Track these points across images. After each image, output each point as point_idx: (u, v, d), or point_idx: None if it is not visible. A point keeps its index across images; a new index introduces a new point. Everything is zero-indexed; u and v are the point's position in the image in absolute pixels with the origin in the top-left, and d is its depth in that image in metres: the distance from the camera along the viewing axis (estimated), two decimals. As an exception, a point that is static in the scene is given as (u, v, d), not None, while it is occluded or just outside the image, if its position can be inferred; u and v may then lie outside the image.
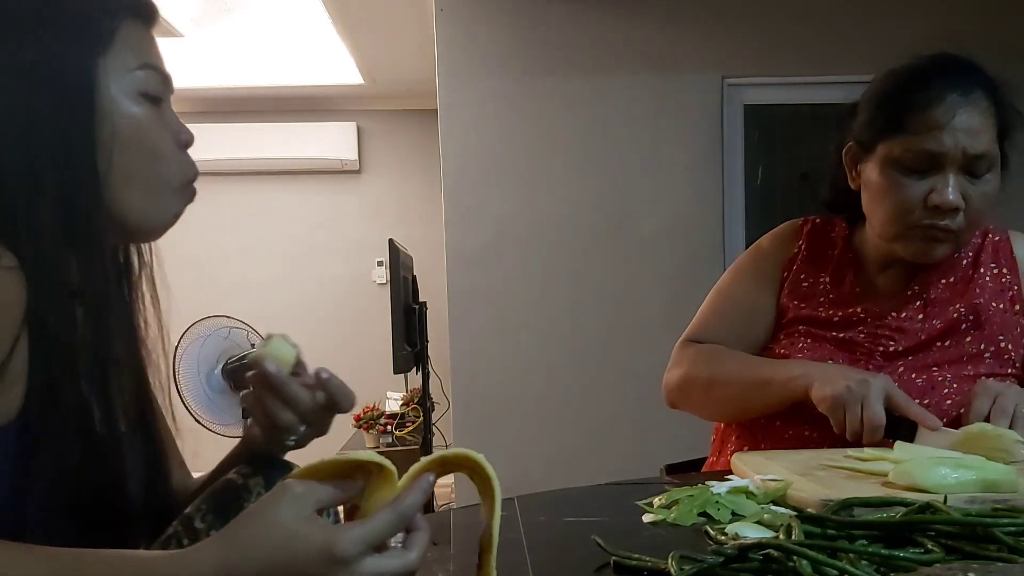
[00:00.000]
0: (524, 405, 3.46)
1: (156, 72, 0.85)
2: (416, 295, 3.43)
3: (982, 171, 1.20)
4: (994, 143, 1.21)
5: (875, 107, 1.26)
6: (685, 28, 3.46)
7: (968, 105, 1.18)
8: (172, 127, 0.86)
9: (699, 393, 1.35)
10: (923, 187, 1.20)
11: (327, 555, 0.60)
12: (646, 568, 0.73)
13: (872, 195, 1.27)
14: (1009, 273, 1.29)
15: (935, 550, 0.67)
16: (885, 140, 1.23)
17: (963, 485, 0.86)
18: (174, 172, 0.86)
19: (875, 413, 1.09)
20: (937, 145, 1.18)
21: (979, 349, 1.25)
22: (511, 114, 3.45)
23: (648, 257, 3.47)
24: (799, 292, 1.36)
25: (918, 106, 1.20)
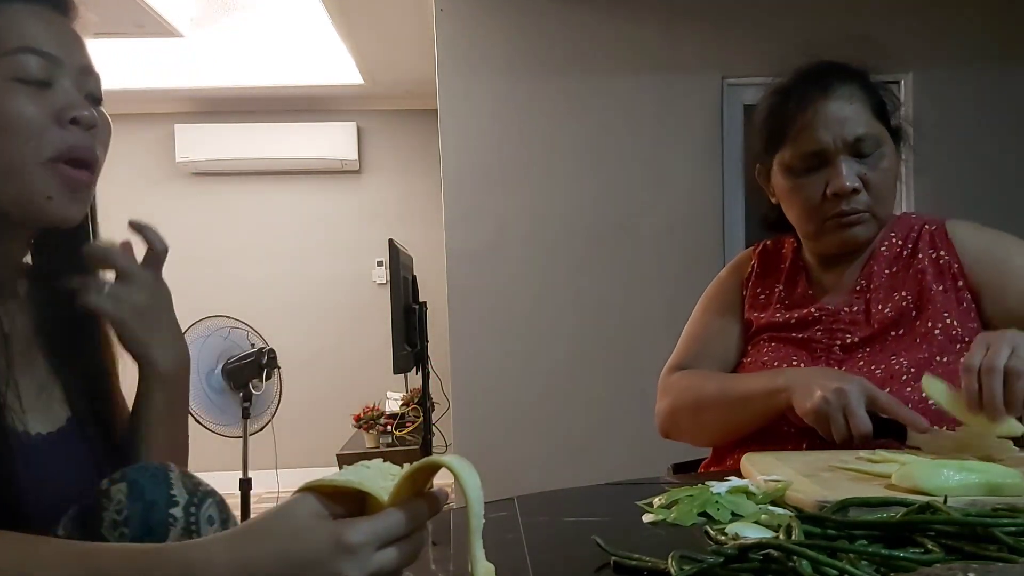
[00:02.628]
0: (524, 405, 3.46)
1: (38, 55, 0.83)
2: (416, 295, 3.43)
3: (869, 150, 1.29)
4: (872, 122, 1.30)
5: (758, 129, 1.40)
6: (685, 28, 3.46)
7: (831, 98, 1.30)
8: (58, 106, 0.84)
9: (688, 420, 1.38)
10: (820, 181, 1.30)
11: (335, 542, 0.61)
12: (646, 568, 0.73)
13: (785, 203, 1.39)
14: (947, 254, 1.33)
15: (935, 550, 0.67)
16: (776, 153, 1.36)
17: (966, 488, 0.86)
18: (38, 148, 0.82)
19: (860, 421, 1.10)
20: (815, 143, 1.29)
21: (928, 327, 1.27)
22: (511, 114, 3.45)
23: (648, 257, 3.47)
24: (758, 304, 1.44)
25: (788, 115, 1.32)
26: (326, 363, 5.41)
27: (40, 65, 0.83)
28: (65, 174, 0.84)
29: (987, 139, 3.48)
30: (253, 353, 3.61)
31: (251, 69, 4.79)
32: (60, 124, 0.84)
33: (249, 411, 3.64)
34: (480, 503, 0.65)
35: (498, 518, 0.93)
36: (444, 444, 4.12)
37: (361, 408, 4.68)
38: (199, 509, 0.75)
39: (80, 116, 0.84)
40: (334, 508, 0.64)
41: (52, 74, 0.84)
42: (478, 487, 0.65)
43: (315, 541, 0.62)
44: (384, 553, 0.63)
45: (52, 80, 0.84)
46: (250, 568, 0.61)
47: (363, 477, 0.65)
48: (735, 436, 1.33)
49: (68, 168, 0.84)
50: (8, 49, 0.82)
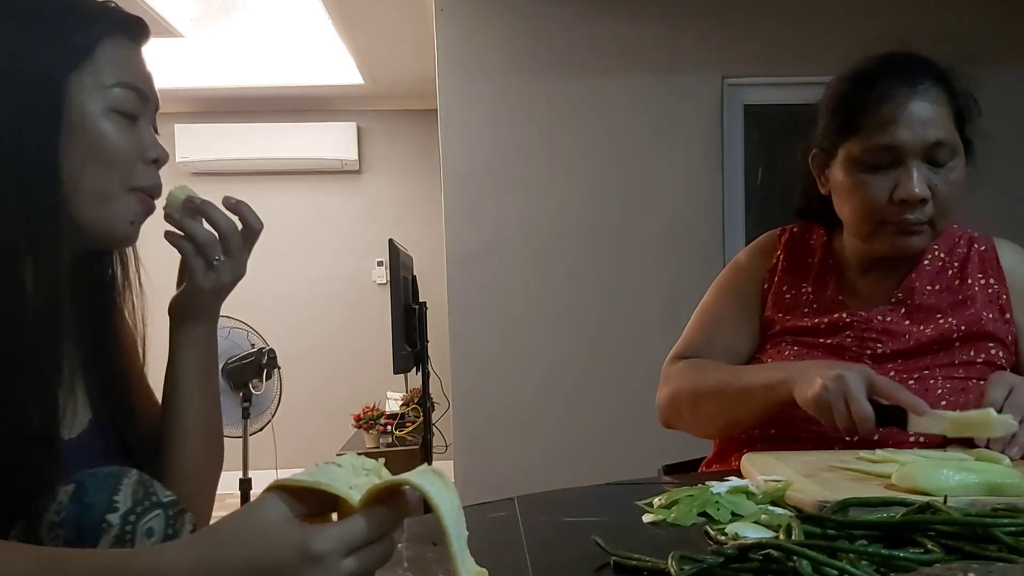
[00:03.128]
0: (524, 405, 3.46)
1: (133, 91, 0.89)
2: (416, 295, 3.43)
3: (944, 159, 1.22)
4: (952, 131, 1.23)
5: (830, 113, 1.29)
6: (685, 28, 3.46)
7: (918, 97, 1.21)
8: (143, 144, 0.90)
9: (688, 409, 1.35)
10: (887, 182, 1.22)
11: (302, 550, 0.61)
12: (646, 568, 0.73)
13: (841, 197, 1.29)
14: (996, 283, 1.30)
15: (935, 550, 0.67)
16: (844, 142, 1.26)
17: (966, 488, 0.86)
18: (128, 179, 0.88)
19: (861, 407, 1.08)
20: (893, 139, 1.20)
21: (970, 356, 1.25)
22: (511, 114, 3.45)
23: (648, 257, 3.47)
24: (783, 304, 1.37)
25: (869, 105, 1.22)
26: (326, 363, 5.40)
27: (134, 101, 0.89)
28: (146, 203, 0.91)
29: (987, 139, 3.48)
30: (253, 353, 3.61)
31: (251, 69, 4.78)
32: (144, 161, 0.90)
33: (249, 411, 3.65)
34: (456, 518, 0.63)
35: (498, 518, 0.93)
36: (444, 444, 4.12)
37: (361, 408, 4.68)
38: (139, 519, 0.73)
39: (160, 157, 0.92)
40: (302, 508, 0.63)
41: (140, 110, 0.90)
42: (455, 506, 0.63)
43: (281, 548, 0.61)
44: (352, 559, 0.62)
45: (139, 116, 0.90)
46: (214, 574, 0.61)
47: (333, 477, 0.64)
48: (735, 429, 1.31)
49: (147, 197, 0.91)
50: (110, 83, 0.87)
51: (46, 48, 0.84)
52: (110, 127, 0.87)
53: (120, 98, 0.88)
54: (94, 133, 0.86)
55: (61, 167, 0.84)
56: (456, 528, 0.62)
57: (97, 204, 0.87)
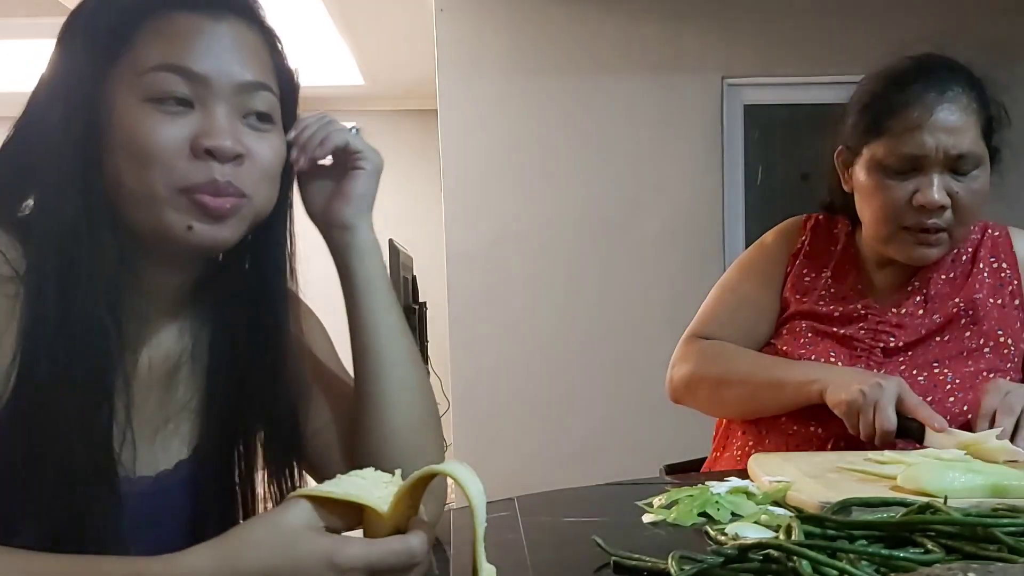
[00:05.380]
0: (524, 405, 3.46)
1: (178, 73, 0.75)
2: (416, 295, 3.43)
3: (967, 169, 1.21)
4: (979, 140, 1.21)
5: (858, 111, 1.28)
6: (685, 28, 3.46)
7: (947, 104, 1.19)
8: (195, 132, 0.76)
9: (708, 391, 1.35)
10: (908, 188, 1.21)
11: (328, 562, 0.59)
12: (646, 568, 0.73)
13: (862, 198, 1.29)
14: (1009, 268, 1.30)
15: (935, 550, 0.66)
16: (869, 143, 1.25)
17: (971, 490, 0.85)
18: (170, 179, 0.75)
19: (887, 418, 1.10)
20: (917, 147, 1.19)
21: (978, 344, 1.25)
22: (511, 114, 3.45)
23: (648, 257, 3.47)
24: (801, 286, 1.37)
25: (897, 108, 1.21)
26: None
27: (180, 85, 0.75)
28: (203, 203, 0.76)
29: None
30: (253, 353, 3.60)
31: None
32: (195, 154, 0.75)
33: (249, 411, 3.64)
34: (484, 508, 0.63)
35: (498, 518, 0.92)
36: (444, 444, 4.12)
37: (361, 408, 4.68)
38: None
39: (216, 147, 0.75)
40: (328, 518, 0.62)
41: (197, 95, 0.76)
42: (482, 492, 0.63)
43: (307, 556, 0.59)
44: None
45: (196, 101, 0.76)
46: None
47: (360, 489, 0.63)
48: (756, 416, 1.32)
49: (207, 197, 0.76)
50: (147, 67, 0.75)
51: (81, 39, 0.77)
52: (142, 118, 0.75)
53: (159, 83, 0.75)
54: (126, 127, 0.75)
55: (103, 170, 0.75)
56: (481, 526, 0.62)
57: (144, 208, 0.76)
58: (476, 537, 0.62)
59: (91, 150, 0.75)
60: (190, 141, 0.75)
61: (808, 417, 1.24)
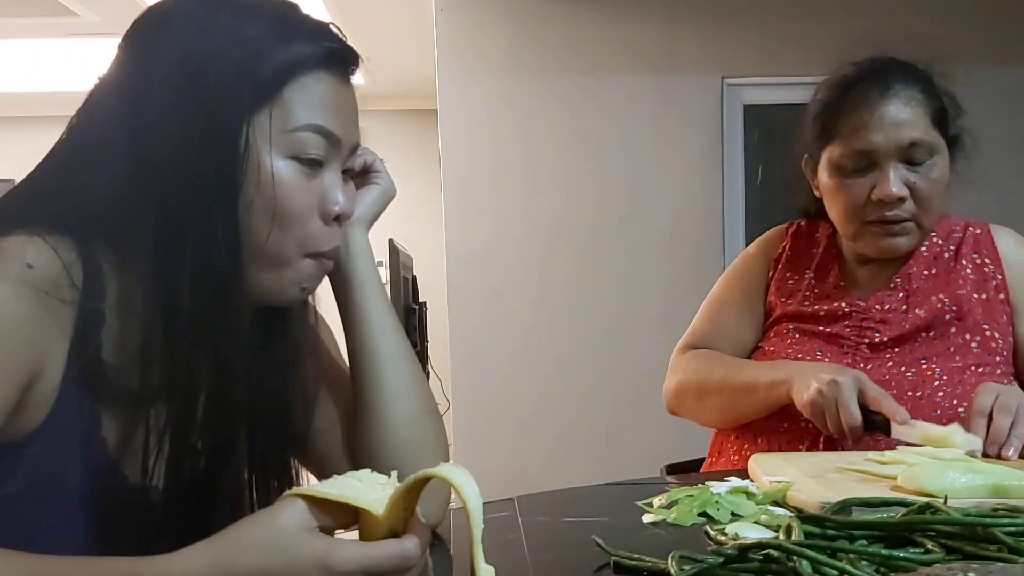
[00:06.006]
0: (524, 405, 3.46)
1: (321, 135, 0.76)
2: (416, 295, 3.43)
3: (922, 158, 1.25)
4: (929, 130, 1.26)
5: (812, 119, 1.35)
6: (685, 28, 3.46)
7: (890, 99, 1.25)
8: (324, 196, 0.78)
9: (693, 400, 1.38)
10: (866, 184, 1.26)
11: (322, 564, 0.59)
12: (646, 568, 0.73)
13: (827, 199, 1.34)
14: (992, 264, 1.31)
15: (935, 550, 0.66)
16: (825, 148, 1.31)
17: (972, 490, 0.85)
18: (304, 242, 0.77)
19: (850, 414, 1.11)
20: (866, 143, 1.25)
21: (964, 339, 1.26)
22: (511, 114, 3.45)
23: (648, 257, 3.47)
24: (785, 289, 1.40)
25: (844, 110, 1.27)
26: None
27: (320, 145, 0.77)
28: (323, 267, 0.81)
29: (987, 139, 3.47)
30: (253, 353, 3.60)
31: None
32: (324, 219, 0.78)
33: (249, 411, 3.64)
34: (480, 511, 0.62)
35: (498, 518, 0.93)
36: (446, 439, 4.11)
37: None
38: None
39: (344, 213, 0.79)
40: (322, 518, 0.61)
41: (328, 156, 0.78)
42: (478, 495, 0.62)
43: (301, 558, 0.59)
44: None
45: (325, 163, 0.78)
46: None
47: (356, 491, 0.62)
48: (737, 423, 1.33)
49: (324, 261, 0.80)
50: (297, 125, 0.75)
51: (231, 88, 0.73)
52: (287, 179, 0.75)
53: (303, 143, 0.75)
54: (269, 187, 0.74)
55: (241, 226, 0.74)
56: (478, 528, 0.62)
57: (271, 268, 0.76)
58: (473, 539, 0.62)
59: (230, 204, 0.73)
60: (319, 203, 0.77)
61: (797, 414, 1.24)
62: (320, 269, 0.80)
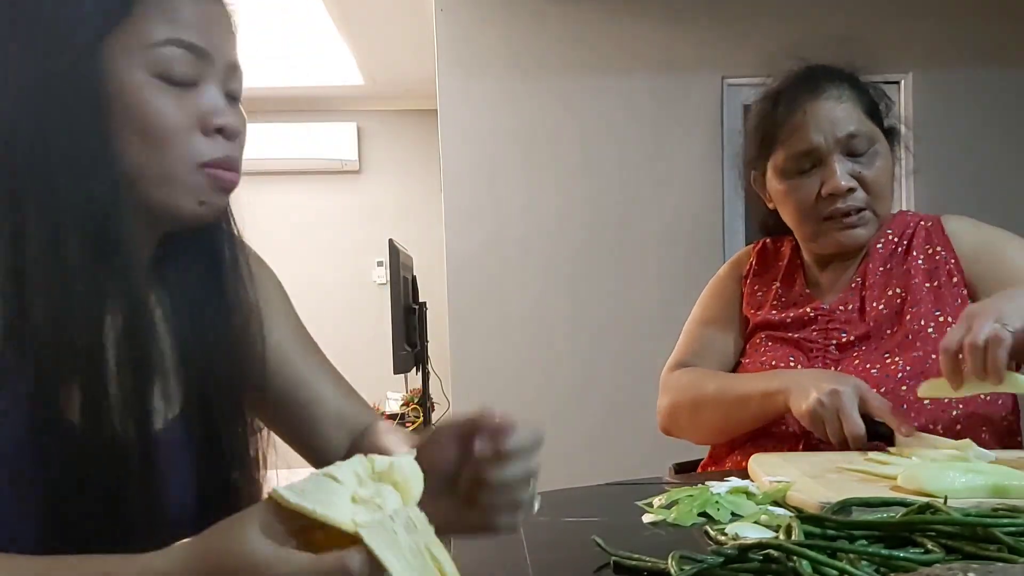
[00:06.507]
0: (524, 405, 3.46)
1: (186, 49, 0.74)
2: (416, 295, 3.43)
3: (863, 148, 1.30)
4: (864, 121, 1.31)
5: (750, 134, 1.42)
6: (685, 28, 3.46)
7: (820, 98, 1.30)
8: (201, 110, 0.76)
9: (686, 418, 1.39)
10: (814, 181, 1.31)
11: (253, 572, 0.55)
12: (646, 568, 0.73)
13: (781, 207, 1.38)
14: (943, 249, 1.33)
15: (935, 550, 0.67)
16: (768, 157, 1.37)
17: (972, 490, 0.85)
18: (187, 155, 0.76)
19: (854, 424, 1.11)
20: (806, 143, 1.30)
21: (920, 326, 1.27)
22: (511, 114, 3.45)
23: (648, 257, 3.47)
24: (755, 301, 1.44)
25: (780, 118, 1.33)
26: None
27: (188, 62, 0.75)
28: (218, 176, 0.78)
29: (987, 139, 3.48)
30: (253, 353, 3.60)
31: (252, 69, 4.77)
32: (205, 132, 0.76)
33: (249, 411, 3.63)
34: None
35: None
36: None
37: (361, 408, 4.68)
38: None
39: (227, 125, 0.77)
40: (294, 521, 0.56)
41: (199, 73, 0.76)
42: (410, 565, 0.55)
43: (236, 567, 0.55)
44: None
45: (199, 80, 0.76)
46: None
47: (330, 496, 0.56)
48: (733, 435, 1.33)
49: (223, 171, 0.78)
50: (156, 40, 0.73)
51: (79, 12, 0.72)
52: (156, 96, 0.74)
53: (168, 60, 0.74)
54: (137, 106, 0.73)
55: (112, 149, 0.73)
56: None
57: (161, 186, 0.75)
58: None
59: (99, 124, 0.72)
60: (199, 119, 0.76)
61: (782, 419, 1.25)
62: (215, 180, 0.78)
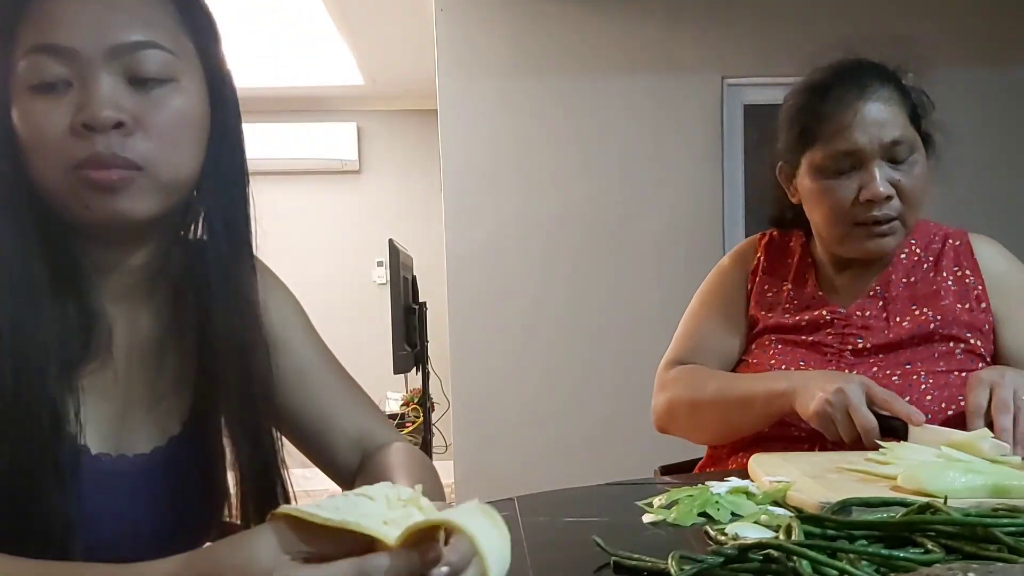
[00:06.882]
0: (524, 405, 3.46)
1: (48, 53, 0.72)
2: (416, 295, 3.43)
3: (904, 156, 1.26)
4: (908, 127, 1.27)
5: (789, 125, 1.35)
6: (685, 28, 3.46)
7: (869, 99, 1.26)
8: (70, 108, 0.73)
9: (685, 418, 1.36)
10: (852, 185, 1.26)
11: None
12: (646, 568, 0.73)
13: (810, 204, 1.33)
14: (972, 274, 1.32)
15: (935, 550, 0.66)
16: (805, 152, 1.31)
17: (972, 490, 0.85)
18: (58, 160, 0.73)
19: (865, 418, 1.10)
20: (851, 143, 1.25)
21: (949, 348, 1.26)
22: (511, 114, 3.45)
23: (648, 257, 3.47)
24: (765, 302, 1.40)
25: (824, 114, 1.27)
26: None
27: (53, 65, 0.72)
28: (90, 179, 0.73)
29: (987, 139, 3.48)
30: (253, 353, 3.59)
31: (252, 69, 4.78)
32: (74, 132, 0.73)
33: (249, 411, 3.63)
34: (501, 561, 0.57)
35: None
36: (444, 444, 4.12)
37: (361, 408, 4.68)
38: None
39: (90, 119, 0.72)
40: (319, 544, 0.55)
41: (72, 70, 0.73)
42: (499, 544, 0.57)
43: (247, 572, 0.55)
44: None
45: (72, 78, 0.73)
46: None
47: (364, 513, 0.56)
48: (733, 437, 1.32)
49: (91, 172, 0.73)
50: (25, 48, 0.73)
51: None
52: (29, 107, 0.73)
53: (34, 68, 0.72)
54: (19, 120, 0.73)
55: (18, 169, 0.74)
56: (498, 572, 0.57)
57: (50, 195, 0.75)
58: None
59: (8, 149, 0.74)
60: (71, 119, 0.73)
61: (788, 422, 1.24)
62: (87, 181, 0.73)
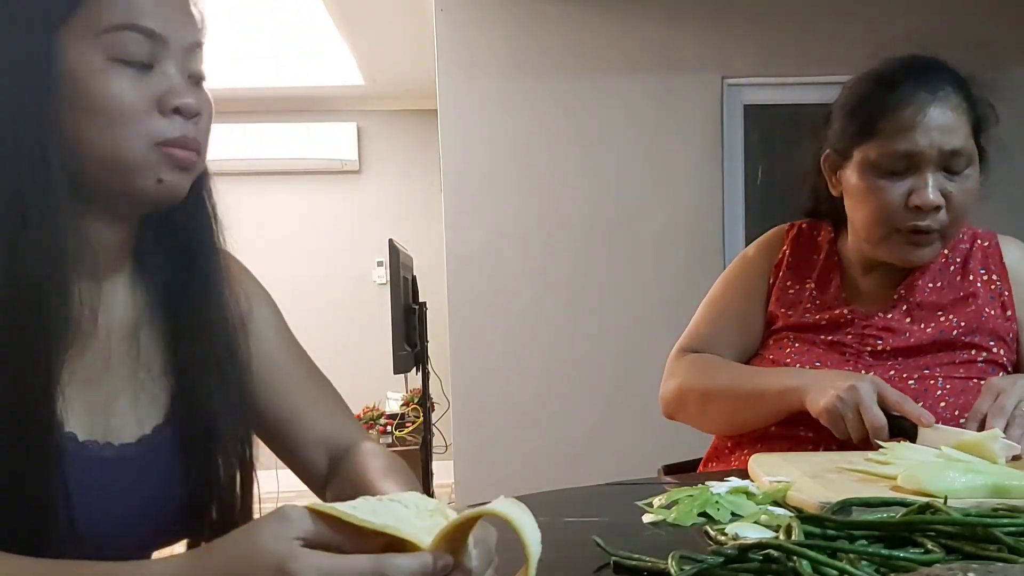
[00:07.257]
0: (524, 405, 3.46)
1: (141, 32, 0.76)
2: (416, 295, 3.42)
3: (960, 168, 1.20)
4: (969, 139, 1.21)
5: (847, 114, 1.27)
6: (685, 28, 3.46)
7: (938, 103, 1.19)
8: (160, 92, 0.77)
9: (695, 406, 1.35)
10: (903, 188, 1.21)
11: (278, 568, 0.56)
12: (646, 568, 0.73)
13: (854, 200, 1.27)
14: (999, 279, 1.30)
15: (935, 550, 0.66)
16: (860, 145, 1.24)
17: (972, 490, 0.85)
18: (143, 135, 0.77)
19: (874, 416, 1.09)
20: (911, 145, 1.19)
21: (971, 355, 1.25)
22: (511, 114, 3.45)
23: (648, 257, 3.47)
24: (786, 299, 1.37)
25: (888, 109, 1.20)
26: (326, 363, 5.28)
27: (143, 45, 0.76)
28: (174, 155, 0.78)
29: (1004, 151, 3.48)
30: (253, 353, 3.59)
31: (251, 69, 4.78)
32: (163, 112, 0.77)
33: (249, 411, 3.63)
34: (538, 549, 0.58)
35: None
36: (444, 444, 4.12)
37: (361, 408, 4.68)
38: None
39: (183, 105, 0.78)
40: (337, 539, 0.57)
41: (155, 55, 0.77)
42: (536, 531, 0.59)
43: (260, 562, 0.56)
44: None
45: (155, 62, 0.77)
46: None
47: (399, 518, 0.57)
48: (742, 430, 1.31)
49: (178, 150, 0.79)
50: (111, 25, 0.75)
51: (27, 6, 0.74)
52: (111, 79, 0.75)
53: (120, 43, 0.75)
54: (93, 89, 0.75)
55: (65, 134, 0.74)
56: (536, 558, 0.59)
57: (115, 169, 0.76)
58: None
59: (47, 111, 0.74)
60: (156, 100, 0.77)
61: (797, 423, 1.23)
62: (171, 158, 0.78)
